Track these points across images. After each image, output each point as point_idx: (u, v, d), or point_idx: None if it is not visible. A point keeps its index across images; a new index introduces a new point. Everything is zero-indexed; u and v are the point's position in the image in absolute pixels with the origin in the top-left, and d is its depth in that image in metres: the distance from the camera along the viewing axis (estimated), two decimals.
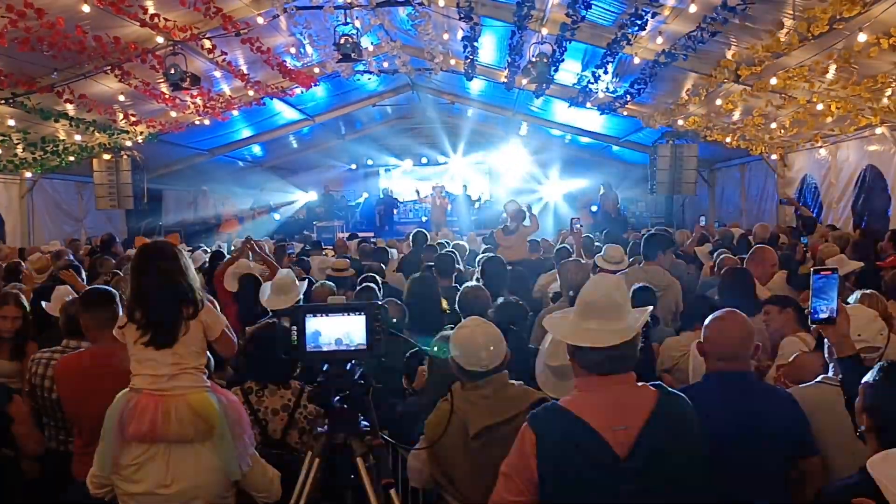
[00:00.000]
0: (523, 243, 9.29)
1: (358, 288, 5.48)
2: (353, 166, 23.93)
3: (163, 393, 2.91)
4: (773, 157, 13.98)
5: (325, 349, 2.68)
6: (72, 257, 8.15)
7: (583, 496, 2.24)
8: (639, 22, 8.93)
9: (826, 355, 2.89)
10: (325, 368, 2.73)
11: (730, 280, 4.91)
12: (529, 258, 8.91)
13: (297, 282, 5.49)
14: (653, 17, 8.87)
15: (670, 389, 2.41)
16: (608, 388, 2.34)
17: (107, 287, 3.82)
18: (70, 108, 11.05)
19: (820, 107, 9.65)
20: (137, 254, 3.18)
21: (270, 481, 3.16)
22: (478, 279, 6.09)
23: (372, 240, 12.77)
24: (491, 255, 7.13)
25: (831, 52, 8.12)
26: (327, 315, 2.67)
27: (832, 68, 8.37)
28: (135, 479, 2.90)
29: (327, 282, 6.44)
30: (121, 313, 3.14)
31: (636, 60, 10.51)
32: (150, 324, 2.95)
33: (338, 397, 2.70)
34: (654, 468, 2.22)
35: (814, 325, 2.51)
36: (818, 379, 3.01)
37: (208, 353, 3.18)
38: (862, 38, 7.10)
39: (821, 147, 12.24)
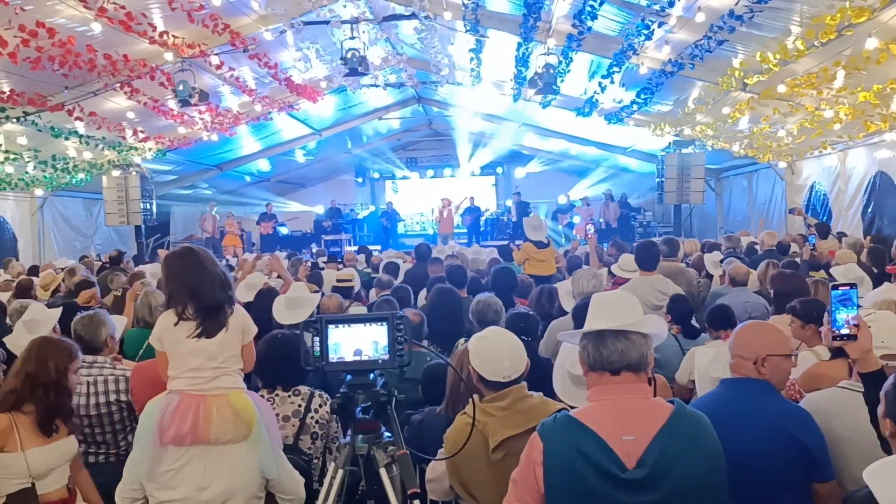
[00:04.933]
0: (553, 258, 8.92)
1: (378, 299, 5.49)
2: (360, 180, 24.02)
3: (204, 393, 2.95)
4: (781, 164, 13.96)
5: (347, 360, 2.68)
6: (86, 272, 8.17)
7: None
8: (645, 31, 8.96)
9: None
10: (348, 379, 2.73)
11: (789, 286, 4.89)
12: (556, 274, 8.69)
13: (310, 295, 5.50)
14: (659, 27, 8.89)
15: (689, 407, 2.37)
16: (621, 398, 2.31)
17: None
18: (80, 126, 11.13)
19: (829, 114, 9.64)
20: (182, 254, 3.21)
21: (297, 483, 3.18)
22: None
23: (377, 253, 12.76)
24: (502, 264, 7.13)
25: (839, 59, 8.12)
26: (349, 325, 2.67)
27: (840, 75, 8.36)
28: (172, 485, 2.89)
29: (334, 294, 6.43)
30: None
31: (643, 70, 10.54)
32: (203, 311, 3.02)
33: (360, 408, 2.70)
34: (660, 481, 2.16)
35: (835, 342, 2.45)
36: (839, 384, 2.97)
37: None
38: (871, 44, 7.09)
39: (829, 154, 12.22)
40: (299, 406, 3.68)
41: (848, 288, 2.44)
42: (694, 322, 5.00)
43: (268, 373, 3.75)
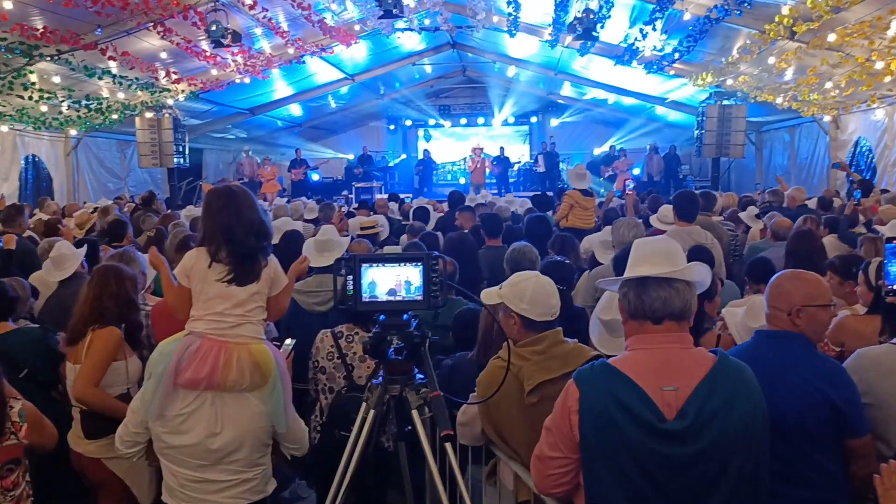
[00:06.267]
0: (594, 208, 8.69)
1: (407, 244, 5.44)
2: (392, 127, 23.84)
3: (226, 339, 2.88)
4: (826, 118, 13.53)
5: (381, 299, 2.63)
6: (118, 212, 8.24)
7: (624, 456, 2.15)
8: None
9: None
10: (381, 319, 2.68)
11: (796, 245, 4.75)
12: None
13: (340, 238, 5.46)
14: None
15: (731, 357, 2.28)
16: (661, 348, 2.24)
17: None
18: (113, 66, 11.10)
19: (879, 65, 9.25)
20: (222, 193, 3.10)
21: (303, 433, 3.16)
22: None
23: (408, 201, 12.70)
24: (536, 213, 7.02)
25: (895, 7, 7.76)
26: (383, 265, 2.60)
27: (895, 24, 8.00)
28: (182, 429, 2.84)
29: (363, 239, 6.39)
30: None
31: (686, 16, 10.18)
32: (237, 258, 2.93)
33: (393, 349, 2.65)
34: (701, 433, 2.11)
35: (889, 297, 2.33)
36: (893, 341, 2.86)
37: None
38: None
39: (877, 108, 11.80)
40: None
41: None
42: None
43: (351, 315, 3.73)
